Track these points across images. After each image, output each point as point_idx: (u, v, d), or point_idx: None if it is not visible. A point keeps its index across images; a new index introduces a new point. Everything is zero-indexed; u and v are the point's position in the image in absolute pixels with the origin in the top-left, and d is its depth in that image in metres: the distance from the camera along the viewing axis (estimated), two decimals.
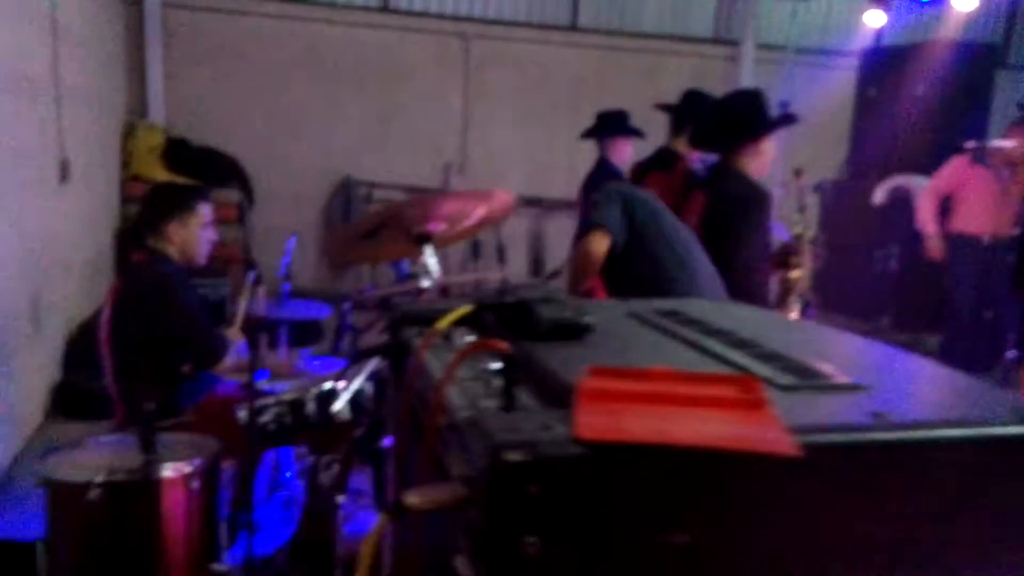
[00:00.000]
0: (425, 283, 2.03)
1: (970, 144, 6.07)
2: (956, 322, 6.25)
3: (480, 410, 0.96)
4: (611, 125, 4.98)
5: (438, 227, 2.12)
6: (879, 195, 7.48)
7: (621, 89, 8.98)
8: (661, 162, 4.16)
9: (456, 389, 1.05)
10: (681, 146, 4.05)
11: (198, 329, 2.76)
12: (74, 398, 4.74)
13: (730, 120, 3.11)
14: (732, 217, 2.98)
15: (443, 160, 8.85)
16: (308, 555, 2.84)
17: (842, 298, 7.36)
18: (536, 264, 7.49)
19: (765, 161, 3.16)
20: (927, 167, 7.11)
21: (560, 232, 9.24)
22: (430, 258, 2.06)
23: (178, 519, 2.13)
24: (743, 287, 2.88)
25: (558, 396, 0.98)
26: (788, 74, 9.22)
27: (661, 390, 0.93)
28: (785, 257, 3.30)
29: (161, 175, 7.17)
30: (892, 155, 7.61)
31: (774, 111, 8.95)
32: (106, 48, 6.61)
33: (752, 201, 3.00)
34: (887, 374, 1.20)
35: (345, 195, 8.43)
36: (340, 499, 2.27)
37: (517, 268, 8.88)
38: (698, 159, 4.43)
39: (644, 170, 4.27)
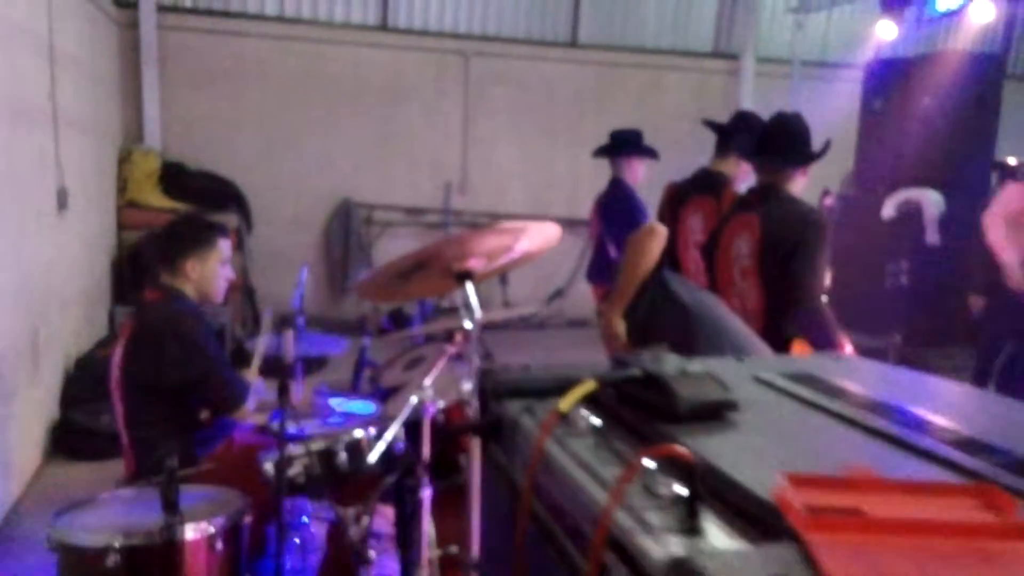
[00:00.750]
0: (467, 323, 1.88)
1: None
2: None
3: (659, 534, 0.79)
4: (625, 144, 4.86)
5: (480, 264, 1.98)
6: (888, 209, 7.38)
7: (622, 105, 8.92)
8: (705, 185, 4.02)
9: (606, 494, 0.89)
10: (727, 168, 3.93)
11: (218, 373, 2.57)
12: (74, 437, 4.55)
13: (786, 142, 2.99)
14: (805, 240, 2.85)
15: (444, 179, 8.73)
16: None
17: (852, 314, 7.23)
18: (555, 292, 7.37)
19: (802, 186, 3.07)
20: (936, 180, 7.02)
21: (561, 251, 9.13)
22: (472, 296, 1.91)
23: None
24: (814, 315, 2.77)
25: (742, 509, 0.82)
26: (790, 88, 9.17)
27: (893, 510, 0.76)
28: None
29: (158, 201, 7.03)
30: (900, 168, 7.52)
31: None
32: (101, 72, 6.47)
33: (818, 226, 2.88)
34: None
35: (345, 217, 8.30)
36: (372, 555, 2.12)
37: (520, 289, 8.75)
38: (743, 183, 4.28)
39: (685, 192, 4.12)
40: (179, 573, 1.94)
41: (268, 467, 2.14)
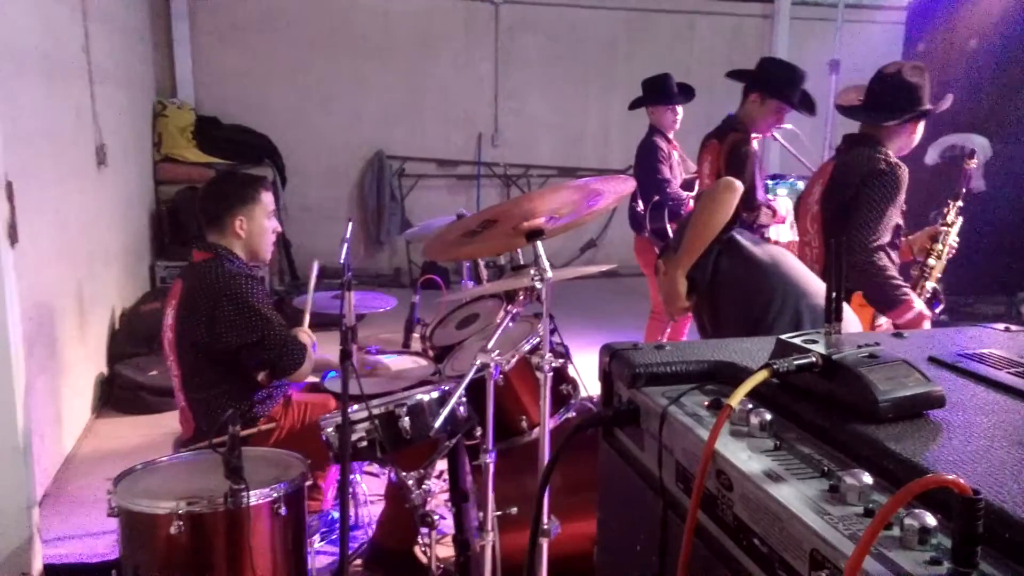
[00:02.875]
0: (537, 283, 1.86)
1: None
2: None
3: None
4: (651, 93, 4.77)
5: (551, 221, 1.95)
6: (931, 155, 7.22)
7: (654, 52, 8.73)
8: (718, 130, 3.98)
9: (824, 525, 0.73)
10: (745, 113, 3.85)
11: (275, 335, 2.52)
12: (122, 392, 4.64)
13: (881, 96, 2.86)
14: (865, 187, 2.76)
15: (475, 131, 8.65)
16: (385, 562, 2.74)
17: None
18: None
19: (912, 143, 2.92)
20: (981, 125, 6.84)
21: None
22: (542, 255, 1.88)
23: (265, 547, 1.98)
24: (866, 268, 2.71)
25: (1014, 546, 0.68)
26: (828, 31, 8.90)
27: None
28: (929, 243, 3.11)
29: (193, 155, 7.05)
30: (943, 113, 7.33)
31: (823, 71, 8.63)
32: (133, 25, 6.43)
33: (886, 175, 2.76)
34: None
35: (377, 170, 8.27)
36: (437, 519, 2.15)
37: (552, 240, 8.69)
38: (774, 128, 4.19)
39: (706, 139, 4.09)
40: (243, 539, 1.95)
41: (330, 432, 2.14)
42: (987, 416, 0.96)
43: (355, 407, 2.10)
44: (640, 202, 4.71)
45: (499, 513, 2.39)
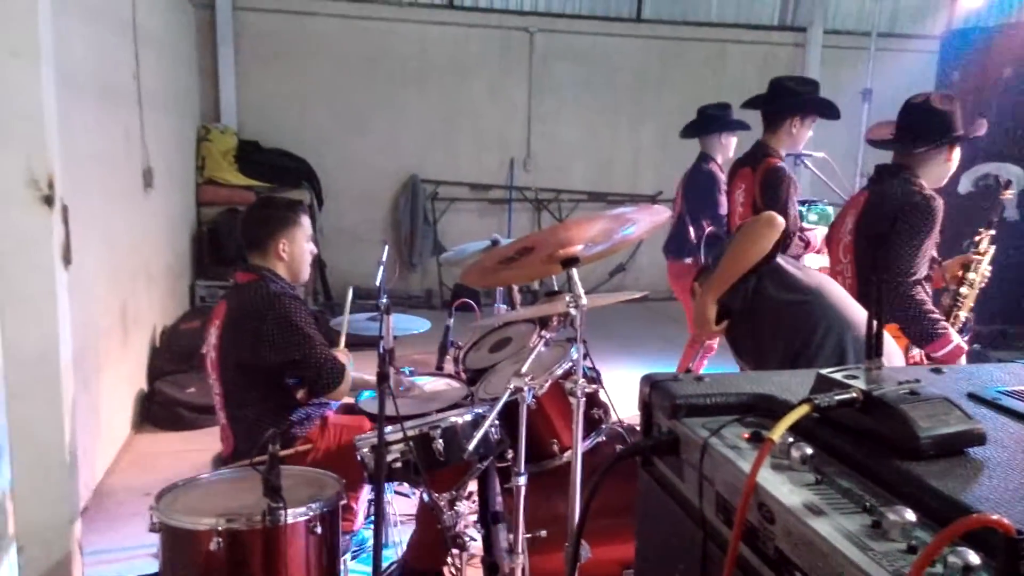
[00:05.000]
0: (572, 310, 1.91)
1: None
2: None
3: None
4: (715, 121, 4.78)
5: (586, 250, 2.00)
6: (964, 183, 7.17)
7: (686, 80, 8.81)
8: (749, 156, 3.98)
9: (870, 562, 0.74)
10: (774, 139, 3.84)
11: (316, 354, 2.59)
12: (160, 408, 4.74)
13: (914, 124, 2.86)
14: (902, 219, 2.76)
15: (508, 155, 8.76)
16: None
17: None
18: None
19: (947, 172, 2.91)
20: (1016, 154, 6.79)
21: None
22: (577, 282, 1.93)
23: (300, 565, 2.03)
24: (903, 301, 2.71)
25: None
26: (861, 60, 8.92)
27: None
28: (961, 271, 3.10)
29: (234, 178, 7.22)
30: (977, 141, 7.28)
31: (855, 100, 8.61)
32: (180, 52, 6.64)
33: (922, 208, 2.75)
34: None
35: (411, 193, 8.39)
36: (469, 541, 2.18)
37: (583, 268, 8.74)
38: (791, 155, 4.23)
39: (736, 165, 4.11)
40: (280, 556, 2.00)
41: (365, 452, 2.19)
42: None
43: (390, 428, 2.15)
44: (692, 229, 4.73)
45: (529, 536, 2.42)
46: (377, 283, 3.49)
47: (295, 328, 2.56)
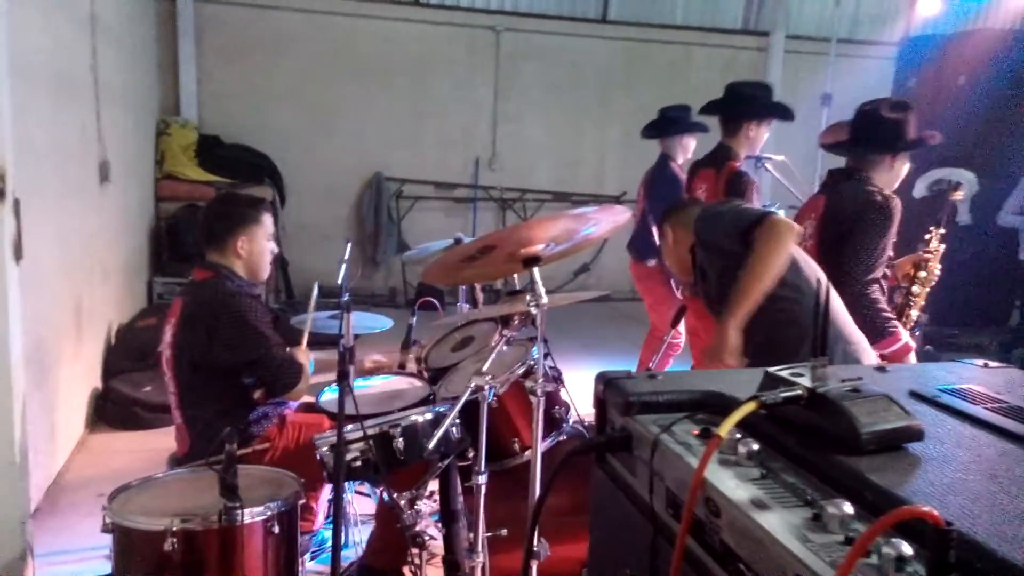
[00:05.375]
0: (533, 309, 1.92)
1: None
2: None
3: None
4: (676, 122, 4.83)
5: (546, 248, 2.00)
6: (919, 188, 7.33)
7: (651, 82, 8.88)
8: (711, 158, 4.01)
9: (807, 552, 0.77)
10: (735, 141, 3.90)
11: (273, 354, 2.56)
12: (115, 407, 4.65)
13: (866, 130, 2.91)
14: (859, 221, 2.81)
15: (473, 154, 8.75)
16: None
17: None
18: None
19: (896, 178, 2.97)
20: (969, 160, 6.96)
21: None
22: (538, 281, 1.94)
23: (258, 565, 2.00)
24: (858, 300, 2.76)
25: (973, 568, 0.72)
26: (821, 65, 9.06)
27: None
28: (913, 269, 3.16)
29: (194, 173, 7.11)
30: (932, 148, 7.45)
31: (814, 104, 8.75)
32: (140, 44, 6.52)
33: (881, 208, 2.80)
34: None
35: (376, 191, 8.35)
36: (428, 540, 2.18)
37: (547, 268, 8.77)
38: (752, 157, 4.29)
39: (696, 166, 4.15)
40: (237, 556, 1.96)
41: (324, 451, 2.17)
42: (964, 450, 1.01)
43: (350, 427, 2.14)
44: (656, 229, 4.76)
45: (489, 535, 2.43)
46: (339, 281, 3.47)
47: (251, 328, 2.52)
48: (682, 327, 4.40)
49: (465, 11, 8.51)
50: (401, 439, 2.16)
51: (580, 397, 2.63)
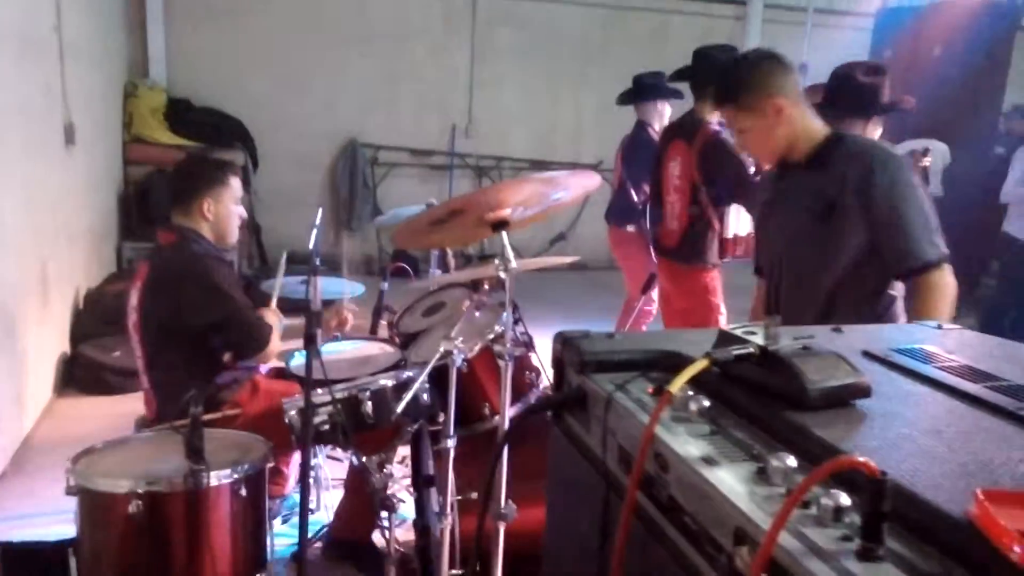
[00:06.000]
0: (502, 273, 1.91)
1: None
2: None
3: (833, 560, 0.69)
4: (651, 89, 4.80)
5: (515, 213, 1.99)
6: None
7: (628, 50, 8.81)
8: (681, 128, 3.93)
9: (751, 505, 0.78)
10: (705, 111, 3.83)
11: (240, 316, 2.51)
12: (84, 372, 4.61)
13: (840, 94, 2.86)
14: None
15: (449, 121, 8.68)
16: (345, 551, 2.77)
17: None
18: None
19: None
20: (943, 131, 7.00)
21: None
22: (507, 246, 1.93)
23: (224, 528, 1.98)
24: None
25: (924, 528, 0.73)
26: (798, 34, 9.05)
27: None
28: None
29: (164, 137, 6.99)
30: (906, 118, 7.49)
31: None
32: (107, 5, 6.36)
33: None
34: None
35: (351, 157, 8.27)
36: (397, 503, 2.19)
37: (522, 232, 8.76)
38: (717, 123, 4.24)
39: (668, 136, 4.09)
40: (203, 520, 1.94)
41: (292, 415, 2.16)
42: (910, 407, 1.02)
43: (319, 391, 2.13)
44: (635, 194, 4.75)
45: (459, 498, 2.44)
46: (310, 247, 3.44)
47: (217, 289, 2.49)
48: (655, 293, 4.42)
49: None
50: (370, 403, 2.15)
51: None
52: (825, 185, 2.16)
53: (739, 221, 3.89)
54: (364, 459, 2.15)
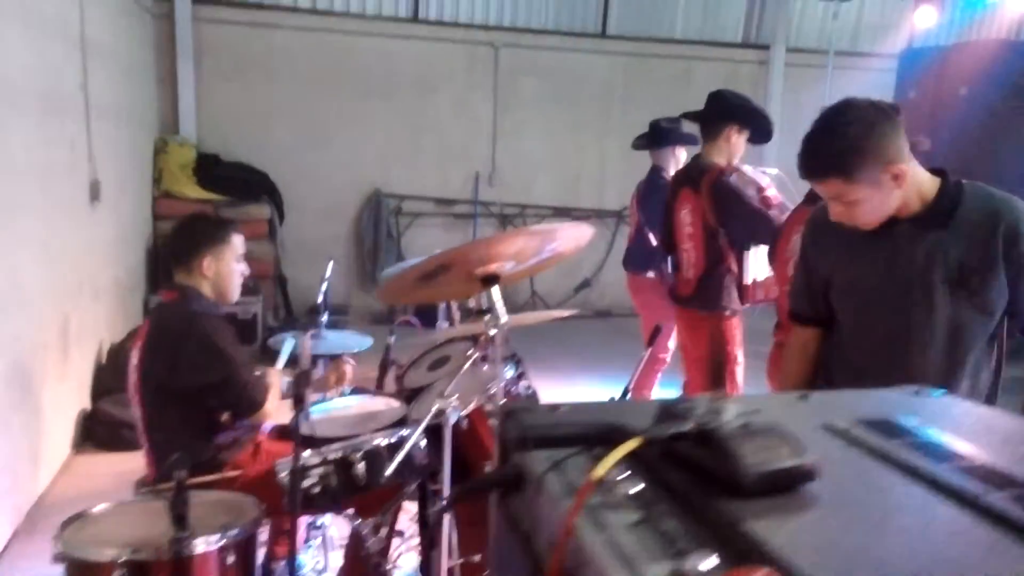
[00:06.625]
0: (492, 330, 1.86)
1: None
2: None
3: None
4: (668, 134, 4.77)
5: (506, 266, 1.95)
6: None
7: (651, 96, 8.83)
8: (689, 175, 3.83)
9: None
10: (715, 152, 3.72)
11: (237, 375, 2.47)
12: (103, 428, 4.61)
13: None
14: None
15: (473, 170, 8.73)
16: None
17: None
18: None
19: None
20: (970, 170, 6.85)
21: (590, 243, 9.07)
22: (497, 301, 1.89)
23: None
24: None
25: None
26: (821, 77, 9.01)
27: None
28: None
29: (193, 191, 7.12)
30: (934, 158, 7.37)
31: (815, 117, 8.71)
32: (136, 63, 6.55)
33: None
34: None
35: (375, 208, 8.34)
36: (391, 569, 2.12)
37: (547, 279, 8.73)
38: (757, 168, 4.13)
39: (678, 183, 4.00)
40: None
41: (283, 477, 2.12)
42: (863, 492, 0.91)
43: (309, 452, 2.09)
44: (654, 239, 4.69)
45: (461, 561, 2.37)
46: (319, 300, 3.44)
47: (216, 349, 2.47)
48: (671, 342, 4.33)
49: (464, 27, 8.52)
50: (362, 464, 2.10)
51: None
52: (954, 244, 1.96)
53: (758, 265, 3.81)
54: (359, 522, 2.09)
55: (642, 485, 0.87)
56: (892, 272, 2.04)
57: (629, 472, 0.89)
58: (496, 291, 1.91)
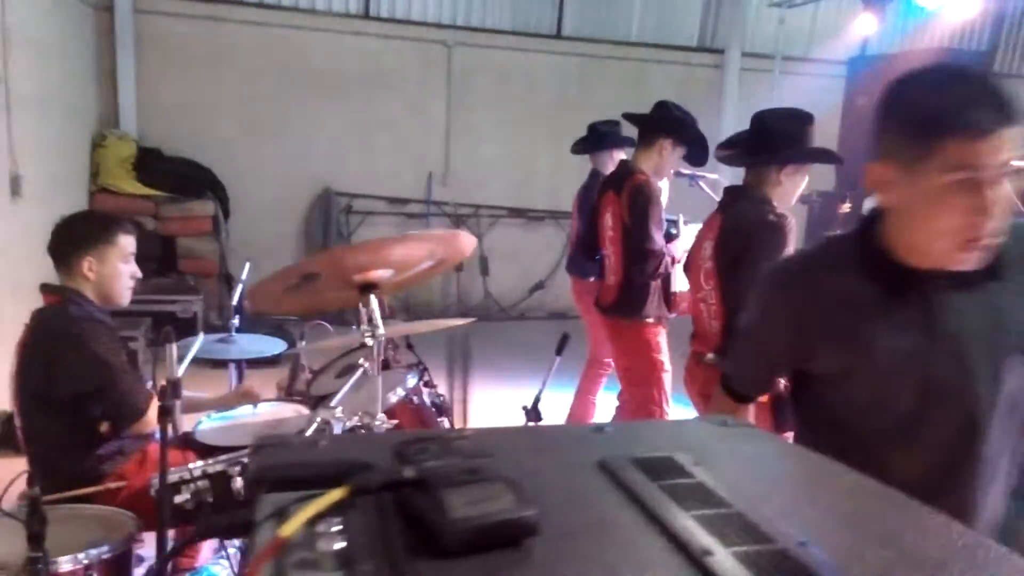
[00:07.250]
0: (368, 340, 1.80)
1: None
2: None
3: None
4: (605, 137, 4.74)
5: (385, 275, 1.89)
6: (868, 206, 7.31)
7: (605, 98, 8.80)
8: (614, 179, 3.80)
9: None
10: (645, 159, 3.69)
11: (117, 383, 2.35)
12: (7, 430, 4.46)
13: (758, 142, 2.76)
14: (748, 242, 2.69)
15: (426, 169, 8.65)
16: None
17: None
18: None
19: (784, 192, 2.76)
20: None
21: (543, 244, 9.06)
22: (375, 310, 1.82)
23: None
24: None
25: None
26: (774, 83, 9.06)
27: None
28: None
29: (131, 187, 6.96)
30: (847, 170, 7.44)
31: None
32: (72, 55, 6.37)
33: (773, 228, 2.64)
34: None
35: (325, 206, 8.22)
36: None
37: (502, 280, 8.69)
38: (686, 173, 4.10)
39: (604, 187, 3.96)
40: None
41: (155, 491, 2.03)
42: (598, 547, 0.79)
43: (193, 465, 2.01)
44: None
45: None
46: (235, 303, 3.34)
47: (93, 356, 2.36)
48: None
49: (416, 25, 8.43)
50: (240, 479, 2.02)
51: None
52: (1013, 299, 1.45)
53: (682, 278, 3.78)
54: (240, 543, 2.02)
55: (343, 542, 0.76)
56: (943, 347, 1.44)
57: (341, 524, 0.78)
58: (375, 300, 1.85)
